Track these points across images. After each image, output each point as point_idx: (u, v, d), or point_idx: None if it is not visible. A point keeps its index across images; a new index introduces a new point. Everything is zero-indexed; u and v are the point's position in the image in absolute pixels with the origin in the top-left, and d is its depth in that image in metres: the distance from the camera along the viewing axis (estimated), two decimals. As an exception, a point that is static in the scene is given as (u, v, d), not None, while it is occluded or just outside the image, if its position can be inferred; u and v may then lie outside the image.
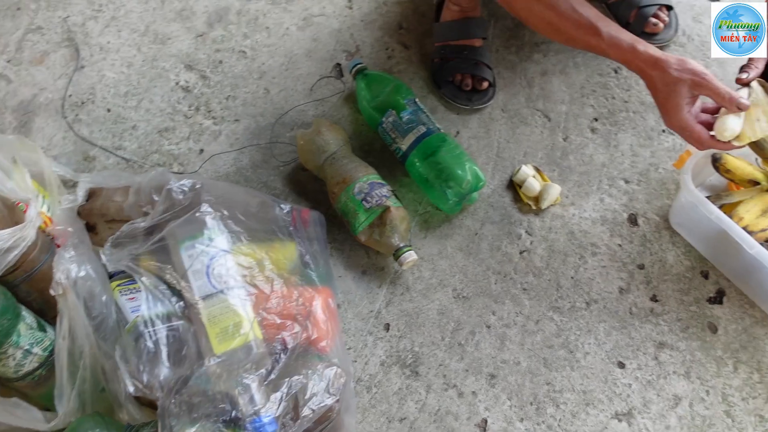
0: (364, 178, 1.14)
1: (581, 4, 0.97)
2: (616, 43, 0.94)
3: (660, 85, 0.93)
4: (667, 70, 0.91)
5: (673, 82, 0.91)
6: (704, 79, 0.89)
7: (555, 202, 1.19)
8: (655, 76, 0.93)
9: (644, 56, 0.93)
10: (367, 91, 1.23)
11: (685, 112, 0.92)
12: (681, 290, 1.11)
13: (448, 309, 1.12)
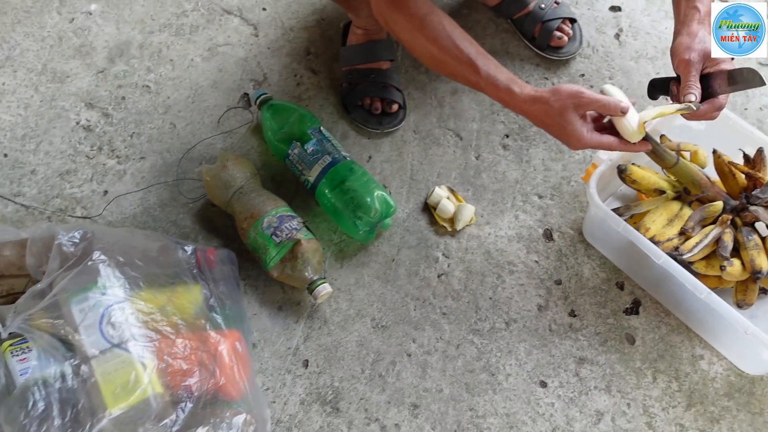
0: (273, 212, 1.10)
1: (463, 39, 0.96)
2: (494, 83, 0.94)
3: (548, 120, 0.92)
4: (548, 104, 0.90)
5: (557, 112, 0.90)
6: (584, 97, 0.89)
7: (470, 223, 1.18)
8: (539, 113, 0.92)
9: (521, 97, 0.92)
10: (271, 122, 1.20)
11: (586, 132, 0.91)
12: (598, 303, 1.11)
13: (367, 340, 1.09)
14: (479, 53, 0.95)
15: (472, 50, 0.95)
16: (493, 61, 0.95)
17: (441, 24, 0.95)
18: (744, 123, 1.08)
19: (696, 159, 1.08)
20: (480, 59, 0.94)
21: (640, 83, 1.30)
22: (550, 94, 0.90)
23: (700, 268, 1.02)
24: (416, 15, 0.95)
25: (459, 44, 0.95)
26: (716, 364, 1.05)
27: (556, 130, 0.93)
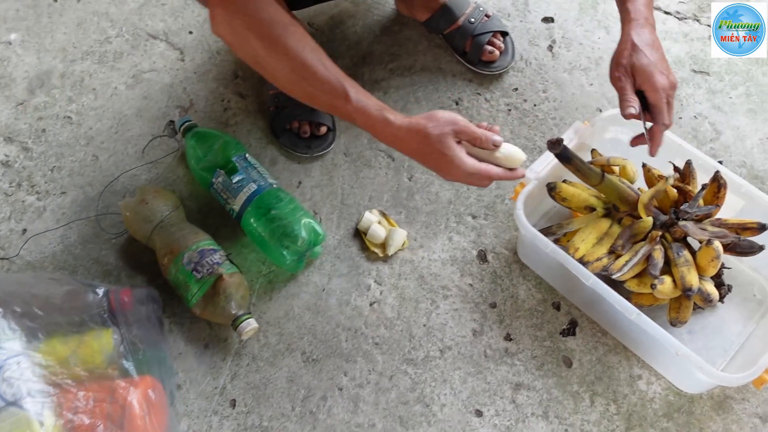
0: (194, 246, 1.06)
1: (328, 61, 0.88)
2: (365, 110, 0.87)
3: (426, 148, 0.87)
4: (426, 130, 0.85)
5: (437, 139, 0.85)
6: (461, 125, 0.86)
7: (402, 247, 1.15)
8: (416, 141, 0.87)
9: (396, 124, 0.87)
10: (195, 150, 1.16)
11: (465, 158, 0.86)
12: (534, 325, 1.08)
13: (297, 375, 1.05)
14: (347, 78, 0.88)
15: (340, 73, 0.88)
16: (361, 88, 0.89)
17: (304, 40, 0.86)
18: (672, 135, 1.05)
19: (625, 174, 1.05)
20: (348, 83, 0.87)
21: (574, 95, 1.28)
22: (427, 120, 0.86)
23: (633, 287, 1.00)
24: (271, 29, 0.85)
25: (325, 64, 0.87)
26: (654, 383, 1.02)
27: (434, 159, 0.87)
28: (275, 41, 0.86)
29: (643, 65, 0.91)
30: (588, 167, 0.96)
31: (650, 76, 0.91)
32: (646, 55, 0.91)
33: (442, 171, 0.89)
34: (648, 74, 0.91)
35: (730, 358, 1.03)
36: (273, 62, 0.88)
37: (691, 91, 1.27)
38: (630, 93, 0.92)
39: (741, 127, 1.23)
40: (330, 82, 0.87)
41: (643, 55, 0.91)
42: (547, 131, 1.24)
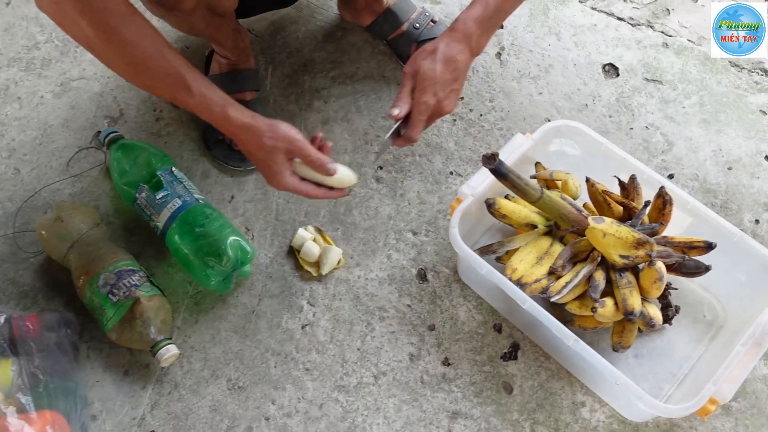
0: (111, 267, 0.99)
1: (171, 50, 0.84)
2: (208, 104, 0.85)
3: (257, 152, 0.88)
4: (262, 138, 0.85)
5: (268, 150, 0.86)
6: (296, 146, 0.86)
7: (338, 266, 1.08)
8: (250, 142, 0.87)
9: (237, 122, 0.86)
10: (120, 164, 1.09)
11: (288, 176, 0.88)
12: (474, 349, 1.02)
13: (221, 404, 0.99)
14: (191, 69, 0.84)
15: (184, 66, 0.84)
16: (206, 80, 0.86)
17: (143, 30, 0.81)
18: (615, 149, 1.00)
19: (566, 190, 1.00)
20: (191, 76, 0.84)
21: (522, 105, 1.22)
22: (267, 128, 0.86)
23: (574, 309, 0.94)
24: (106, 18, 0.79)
25: (167, 54, 0.82)
26: (598, 411, 0.97)
27: (261, 164, 0.89)
28: (111, 32, 0.80)
29: (426, 76, 0.87)
30: (525, 184, 0.90)
31: (424, 90, 0.88)
32: (435, 69, 0.87)
33: (265, 177, 0.91)
34: (424, 87, 0.88)
35: (678, 383, 0.98)
36: (109, 53, 0.83)
37: (643, 100, 1.22)
38: (407, 93, 0.89)
39: (694, 138, 1.18)
40: (171, 75, 0.83)
41: (433, 67, 0.87)
42: (493, 142, 1.18)
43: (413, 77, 0.88)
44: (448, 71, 0.88)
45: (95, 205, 1.15)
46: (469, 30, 0.88)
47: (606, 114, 1.21)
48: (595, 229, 0.90)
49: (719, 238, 0.94)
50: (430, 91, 0.88)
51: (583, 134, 1.02)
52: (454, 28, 0.89)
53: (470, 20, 0.88)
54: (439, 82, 0.88)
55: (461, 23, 0.88)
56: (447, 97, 0.90)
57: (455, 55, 0.88)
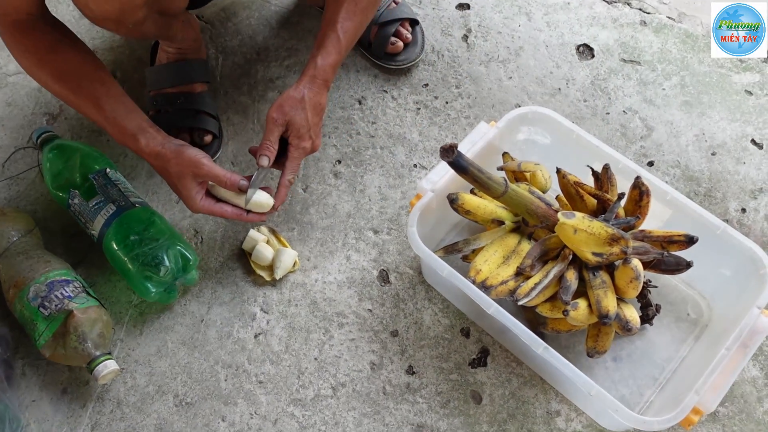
0: (42, 278, 0.91)
1: (93, 79, 0.90)
2: (121, 131, 0.90)
3: (167, 178, 0.92)
4: (169, 164, 0.89)
5: (176, 176, 0.90)
6: (202, 170, 0.89)
7: (293, 269, 1.01)
8: (160, 169, 0.91)
9: (146, 150, 0.90)
10: (52, 165, 1.01)
11: (200, 200, 0.91)
12: (440, 356, 0.94)
13: (167, 422, 0.91)
14: (109, 93, 0.91)
15: (101, 90, 0.90)
16: (123, 103, 0.91)
17: (70, 54, 0.90)
18: (588, 136, 0.92)
19: (535, 182, 0.92)
20: (105, 99, 0.90)
21: (490, 90, 1.14)
22: (173, 155, 0.89)
23: (545, 312, 0.87)
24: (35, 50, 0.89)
25: (82, 84, 0.90)
26: (575, 420, 0.90)
27: (174, 189, 0.93)
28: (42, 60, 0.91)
29: (300, 124, 0.93)
30: (487, 177, 0.82)
31: (301, 137, 0.93)
32: (306, 116, 0.93)
33: (182, 200, 0.93)
34: (300, 134, 0.93)
35: (660, 388, 0.90)
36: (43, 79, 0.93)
37: (620, 82, 1.14)
38: (275, 141, 0.93)
39: (675, 122, 1.11)
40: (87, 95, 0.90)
41: (305, 116, 0.93)
42: (460, 132, 1.10)
43: (283, 125, 0.93)
44: (317, 116, 0.95)
45: (32, 209, 1.07)
46: (327, 77, 0.95)
47: (581, 98, 1.13)
48: (565, 224, 0.82)
49: (702, 231, 0.86)
50: (306, 136, 0.94)
51: (553, 121, 0.94)
52: (314, 75, 0.94)
53: (328, 67, 0.94)
54: (313, 126, 0.94)
55: (321, 71, 0.94)
56: (317, 136, 0.96)
57: (320, 101, 0.94)
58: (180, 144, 0.90)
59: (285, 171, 0.94)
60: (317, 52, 0.94)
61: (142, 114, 0.92)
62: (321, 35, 0.95)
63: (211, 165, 0.89)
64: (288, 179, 0.94)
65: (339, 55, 0.95)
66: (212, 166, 0.89)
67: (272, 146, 0.92)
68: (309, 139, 0.94)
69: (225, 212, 0.92)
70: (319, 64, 0.94)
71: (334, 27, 0.93)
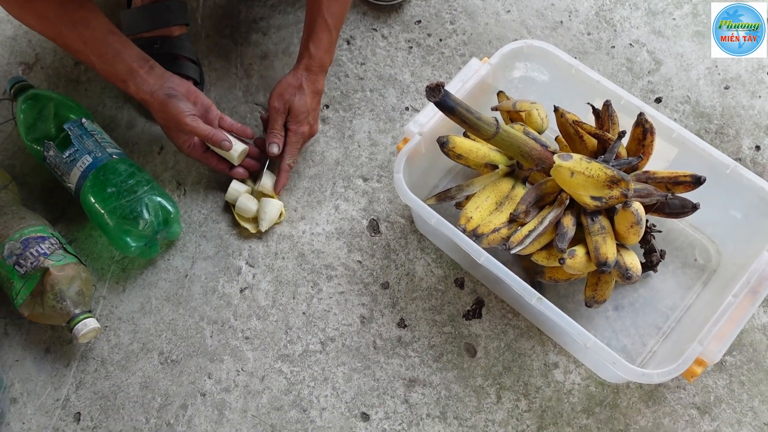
0: (16, 235, 0.88)
1: (76, 3, 0.85)
2: (109, 73, 0.88)
3: (158, 122, 0.93)
4: (155, 114, 0.91)
5: (163, 126, 0.92)
6: (185, 128, 0.89)
7: (279, 220, 0.96)
8: (152, 114, 0.92)
9: (137, 97, 0.90)
10: (26, 117, 0.96)
11: (187, 146, 0.93)
12: (433, 308, 0.90)
13: (153, 380, 0.89)
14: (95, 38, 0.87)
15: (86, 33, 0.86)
16: (113, 46, 0.87)
17: None
18: (588, 71, 0.86)
19: (530, 122, 0.86)
20: (94, 47, 0.87)
21: (487, 26, 1.07)
22: (159, 107, 0.88)
23: (541, 260, 0.82)
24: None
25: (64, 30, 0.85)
26: (573, 372, 0.86)
27: (164, 131, 0.94)
28: None
29: (300, 110, 0.93)
30: (477, 118, 0.76)
31: (300, 122, 0.94)
32: (306, 102, 0.93)
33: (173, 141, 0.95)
34: (299, 119, 0.94)
35: (664, 337, 0.86)
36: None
37: (626, 13, 1.06)
38: (280, 129, 0.94)
39: (685, 54, 1.03)
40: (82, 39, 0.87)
41: (305, 101, 0.93)
42: (454, 71, 1.04)
43: (285, 112, 0.94)
44: (315, 101, 0.95)
45: (10, 163, 1.03)
46: (323, 62, 0.94)
47: (584, 31, 1.05)
48: (561, 167, 0.77)
49: (710, 170, 0.80)
50: (305, 122, 0.94)
51: (551, 56, 0.88)
52: (309, 65, 0.93)
53: (322, 53, 0.93)
54: (311, 111, 0.94)
55: (316, 60, 0.93)
56: (315, 121, 0.96)
57: (318, 87, 0.95)
58: (169, 94, 0.88)
59: (285, 155, 0.94)
60: (308, 40, 0.93)
61: (132, 51, 0.89)
62: (309, 21, 0.93)
63: (193, 123, 0.88)
64: (288, 163, 0.95)
65: (330, 38, 0.93)
66: (195, 123, 0.89)
67: (279, 133, 0.94)
68: (307, 124, 0.94)
69: (209, 161, 0.95)
70: (312, 53, 0.93)
71: (320, 12, 0.91)
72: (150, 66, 0.89)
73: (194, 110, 0.90)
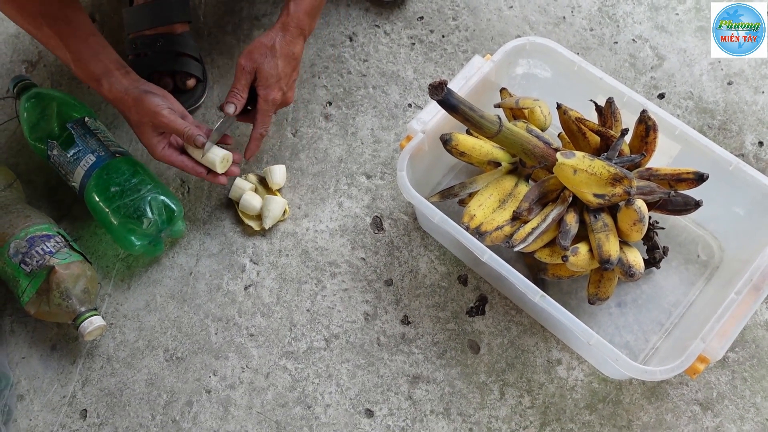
0: (22, 233, 0.88)
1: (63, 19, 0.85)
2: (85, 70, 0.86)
3: (130, 124, 0.89)
4: (130, 112, 0.86)
5: (135, 123, 0.87)
6: (161, 120, 0.85)
7: (283, 218, 0.97)
8: (124, 114, 0.88)
9: (110, 96, 0.86)
10: (29, 116, 0.96)
11: (159, 149, 0.88)
12: (436, 305, 0.91)
13: (158, 377, 0.89)
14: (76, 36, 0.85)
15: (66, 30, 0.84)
16: (92, 46, 0.86)
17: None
18: (591, 68, 0.86)
19: (533, 119, 0.86)
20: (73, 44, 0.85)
21: (490, 22, 1.07)
22: (134, 103, 0.85)
23: (545, 257, 0.82)
24: None
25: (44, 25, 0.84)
26: (576, 369, 0.86)
27: (138, 135, 0.89)
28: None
29: (270, 74, 0.87)
30: (480, 116, 0.76)
31: (270, 87, 0.87)
32: (278, 66, 0.87)
33: (146, 147, 0.90)
34: (269, 84, 0.87)
35: (666, 333, 0.86)
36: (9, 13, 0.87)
37: (629, 8, 1.06)
38: (243, 88, 0.88)
39: (689, 49, 1.03)
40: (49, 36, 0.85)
41: (275, 64, 0.87)
42: (457, 67, 1.04)
43: (251, 73, 0.87)
44: (290, 66, 0.88)
45: (14, 162, 1.03)
46: (302, 24, 0.88)
47: (586, 27, 1.05)
48: (564, 164, 0.77)
49: (713, 167, 0.80)
50: (275, 87, 0.87)
51: (553, 52, 0.88)
52: (286, 23, 0.87)
53: (302, 14, 0.88)
54: (283, 78, 0.88)
55: (294, 18, 0.87)
56: (290, 89, 0.90)
57: (293, 50, 0.88)
58: (145, 90, 0.86)
59: (256, 124, 0.89)
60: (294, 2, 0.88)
61: (111, 54, 0.87)
62: None
63: (170, 116, 0.85)
64: (259, 132, 0.90)
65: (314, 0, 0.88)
66: (172, 117, 0.85)
67: (240, 94, 0.87)
68: (279, 91, 0.88)
69: (185, 165, 0.89)
70: (292, 10, 0.87)
71: None
72: (126, 71, 0.88)
73: (171, 106, 0.87)
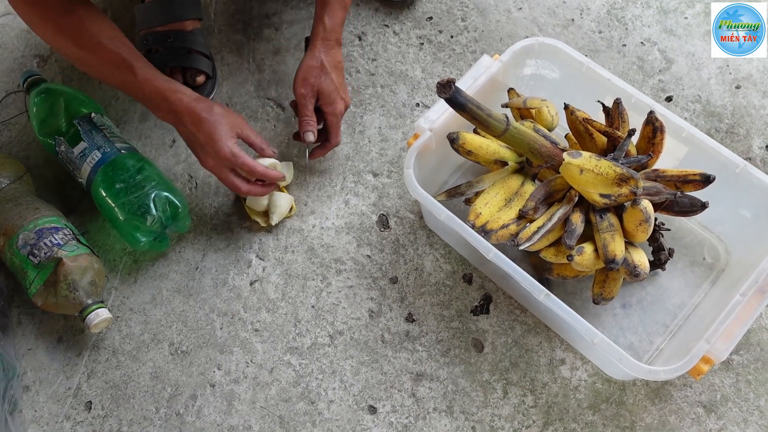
0: (31, 225, 0.89)
1: (113, 39, 0.85)
2: (151, 81, 0.85)
3: (197, 123, 0.85)
4: (213, 108, 0.85)
5: (217, 115, 0.85)
6: (244, 129, 0.88)
7: (289, 214, 0.97)
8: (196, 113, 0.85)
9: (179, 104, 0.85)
10: (38, 111, 0.97)
11: (233, 143, 0.85)
12: (441, 303, 0.91)
13: (163, 371, 0.90)
14: (136, 55, 0.86)
15: (126, 51, 0.85)
16: (150, 65, 0.87)
17: (82, 24, 0.84)
18: (599, 69, 0.86)
19: (540, 119, 0.86)
20: (137, 61, 0.85)
21: (498, 23, 1.07)
22: (218, 105, 0.86)
23: (550, 257, 0.82)
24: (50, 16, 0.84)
25: (107, 44, 0.84)
26: (580, 369, 0.86)
27: (203, 133, 0.85)
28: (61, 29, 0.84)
29: (329, 90, 0.91)
30: (487, 115, 0.77)
31: (333, 102, 0.92)
32: (332, 80, 0.92)
33: (204, 147, 0.86)
34: (332, 99, 0.92)
35: (671, 335, 0.86)
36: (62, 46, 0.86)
37: (638, 11, 1.06)
38: (312, 114, 0.92)
39: (697, 53, 1.03)
40: (115, 61, 0.84)
41: (330, 79, 0.91)
42: (465, 68, 1.04)
43: (314, 97, 0.92)
44: (341, 76, 0.93)
45: (24, 155, 1.04)
46: (338, 34, 0.93)
47: (595, 29, 1.06)
48: (571, 164, 0.77)
49: (720, 169, 0.80)
50: (337, 99, 0.92)
51: (562, 53, 0.88)
52: (325, 38, 0.92)
53: (337, 26, 0.92)
54: (339, 87, 0.93)
55: (331, 32, 0.92)
56: (346, 94, 0.95)
57: (337, 60, 0.93)
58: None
59: (330, 137, 0.94)
60: (322, 12, 0.92)
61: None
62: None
63: (251, 128, 0.90)
64: (335, 143, 0.95)
65: (344, 10, 0.93)
66: (252, 129, 0.90)
67: (311, 120, 0.92)
68: (341, 101, 0.93)
69: (240, 188, 0.88)
70: (327, 25, 0.92)
71: None
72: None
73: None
